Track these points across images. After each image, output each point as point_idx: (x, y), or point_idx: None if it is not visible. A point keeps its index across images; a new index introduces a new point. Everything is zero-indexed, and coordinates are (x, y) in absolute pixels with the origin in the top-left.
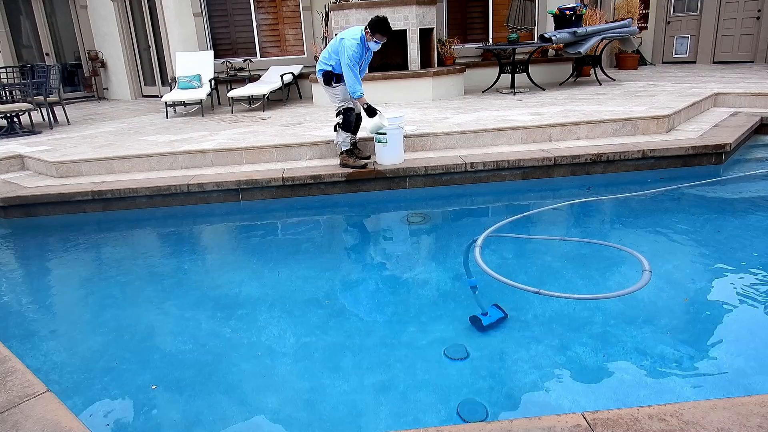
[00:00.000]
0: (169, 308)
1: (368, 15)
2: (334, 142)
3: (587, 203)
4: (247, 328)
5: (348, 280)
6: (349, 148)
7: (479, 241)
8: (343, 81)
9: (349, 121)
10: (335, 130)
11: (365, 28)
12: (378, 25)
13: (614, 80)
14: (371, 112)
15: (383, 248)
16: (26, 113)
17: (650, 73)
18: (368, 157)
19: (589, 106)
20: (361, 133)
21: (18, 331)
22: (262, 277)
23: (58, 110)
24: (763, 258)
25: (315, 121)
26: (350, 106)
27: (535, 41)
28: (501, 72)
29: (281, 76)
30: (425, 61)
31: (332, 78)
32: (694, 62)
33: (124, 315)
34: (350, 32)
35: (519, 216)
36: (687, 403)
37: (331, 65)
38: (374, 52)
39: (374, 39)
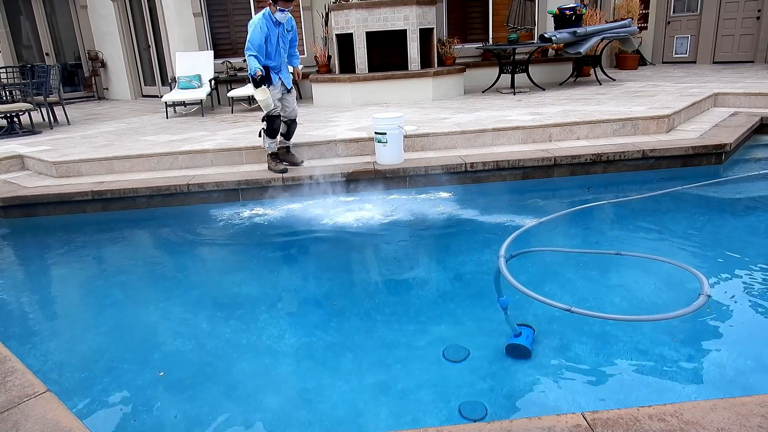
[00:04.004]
0: (169, 308)
1: (368, 15)
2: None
3: (602, 206)
4: (247, 327)
5: (348, 280)
6: (275, 151)
7: (502, 251)
8: (272, 81)
9: (272, 128)
10: (259, 135)
11: (270, 3)
12: None
13: (614, 80)
14: (256, 83)
15: (381, 248)
16: (26, 113)
17: (650, 73)
18: (300, 163)
19: (589, 106)
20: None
21: (18, 331)
22: (262, 277)
23: (58, 110)
24: (763, 258)
25: (315, 122)
26: (277, 113)
27: (535, 41)
28: (501, 72)
29: None
30: (425, 61)
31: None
32: (694, 62)
33: (124, 315)
34: (255, 16)
35: (537, 222)
36: (687, 403)
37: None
38: (373, 52)
39: (278, 8)
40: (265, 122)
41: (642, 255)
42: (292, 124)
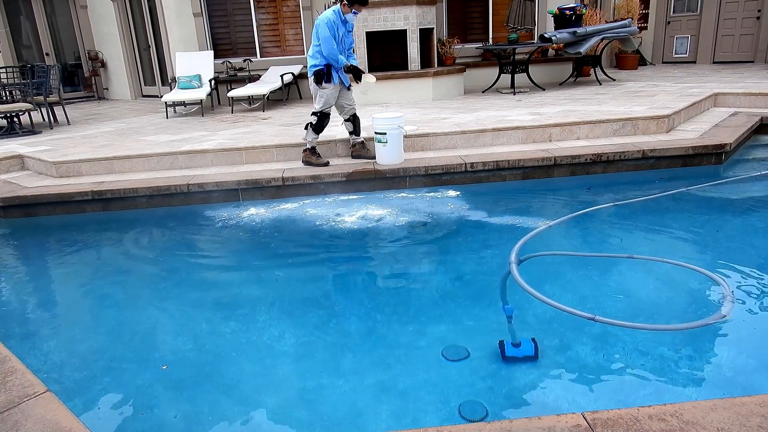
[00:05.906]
0: (169, 308)
1: (368, 15)
2: (302, 139)
3: (610, 208)
4: (247, 327)
5: (348, 280)
6: (313, 146)
7: (513, 257)
8: (333, 80)
9: (321, 125)
10: (306, 127)
11: (342, 2)
12: None
13: (614, 80)
14: (358, 74)
15: (381, 248)
16: (26, 113)
17: (650, 73)
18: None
19: (589, 106)
20: (363, 134)
21: (18, 331)
22: (261, 276)
23: (58, 110)
24: (763, 258)
25: None
26: (329, 111)
27: (535, 41)
28: (501, 72)
29: (281, 76)
30: (425, 61)
31: (323, 76)
32: (694, 62)
33: (124, 315)
34: (325, 12)
35: (547, 225)
36: (687, 403)
37: (320, 60)
38: (373, 52)
39: (353, 10)
40: (316, 117)
41: (655, 258)
42: (355, 119)
